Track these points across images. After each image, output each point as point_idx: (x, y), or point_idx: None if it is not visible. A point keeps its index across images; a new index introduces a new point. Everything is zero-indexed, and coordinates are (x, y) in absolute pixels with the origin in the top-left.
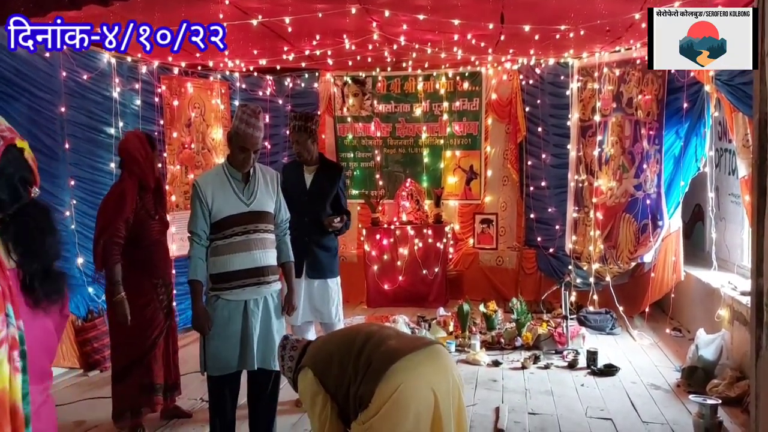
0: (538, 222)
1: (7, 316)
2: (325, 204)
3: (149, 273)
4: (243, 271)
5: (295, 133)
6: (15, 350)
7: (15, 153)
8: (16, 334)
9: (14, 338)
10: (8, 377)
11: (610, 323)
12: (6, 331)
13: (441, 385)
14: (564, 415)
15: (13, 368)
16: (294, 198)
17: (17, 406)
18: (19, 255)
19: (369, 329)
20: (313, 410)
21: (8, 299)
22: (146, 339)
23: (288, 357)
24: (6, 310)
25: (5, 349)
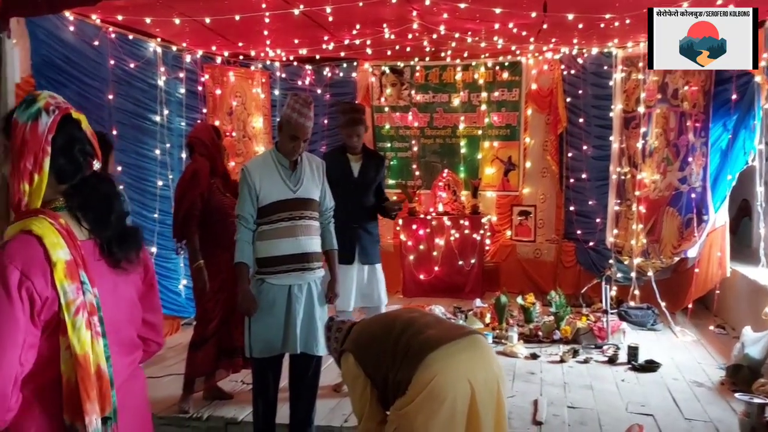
0: (577, 215)
1: (82, 283)
2: (371, 192)
3: (224, 245)
4: (288, 256)
5: (350, 127)
6: (94, 315)
7: (72, 123)
8: (93, 300)
9: (92, 304)
10: (90, 342)
11: (652, 319)
12: (83, 297)
13: (479, 376)
14: (604, 410)
15: (94, 333)
16: (341, 186)
17: (102, 369)
18: (90, 224)
19: (409, 315)
20: (353, 393)
21: (81, 267)
22: (226, 305)
23: (334, 338)
24: (81, 277)
25: (84, 315)
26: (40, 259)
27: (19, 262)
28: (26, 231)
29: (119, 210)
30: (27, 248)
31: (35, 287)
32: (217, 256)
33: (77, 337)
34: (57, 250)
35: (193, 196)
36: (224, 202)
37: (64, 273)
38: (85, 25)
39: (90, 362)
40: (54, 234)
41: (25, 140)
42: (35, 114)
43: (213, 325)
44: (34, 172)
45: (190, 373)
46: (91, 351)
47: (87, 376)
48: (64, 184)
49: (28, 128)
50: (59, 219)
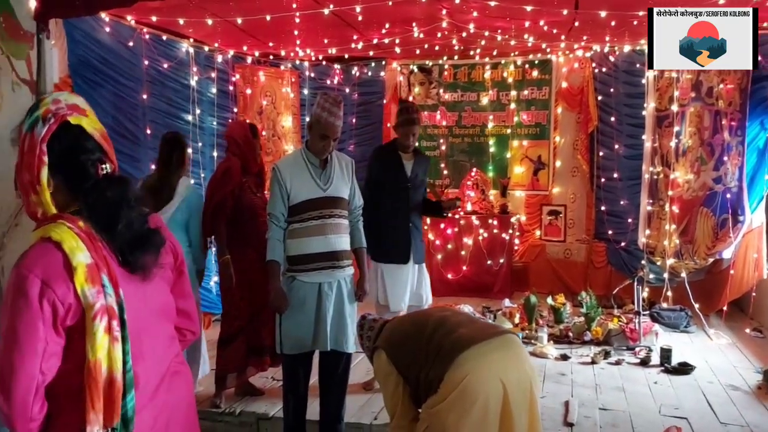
0: (609, 215)
1: (103, 286)
2: (421, 191)
3: (252, 244)
4: (318, 254)
5: (407, 126)
6: (114, 319)
7: (73, 130)
8: (114, 303)
9: (112, 308)
10: (106, 347)
11: (685, 321)
12: (103, 301)
13: (511, 376)
14: (636, 412)
15: (112, 338)
16: (396, 185)
17: (115, 377)
18: (101, 232)
19: (442, 314)
20: (386, 390)
21: (103, 270)
22: (253, 304)
23: (366, 336)
24: (102, 281)
25: (103, 319)
26: (60, 266)
27: (39, 271)
28: (45, 238)
29: (128, 216)
30: (46, 256)
31: (57, 295)
32: (244, 255)
33: (91, 342)
34: (77, 254)
35: (223, 194)
36: (254, 201)
37: (84, 277)
38: (121, 26)
39: (100, 369)
40: (73, 238)
41: (23, 152)
42: (33, 123)
43: (239, 323)
44: (35, 183)
45: (220, 370)
46: (104, 358)
47: (94, 383)
48: (72, 192)
49: (27, 138)
50: (78, 222)
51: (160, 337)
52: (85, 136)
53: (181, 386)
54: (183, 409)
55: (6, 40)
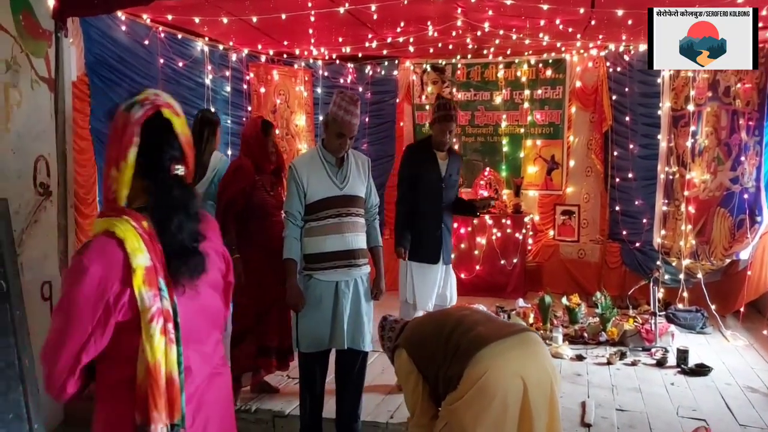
0: (623, 215)
1: (160, 290)
2: (455, 190)
3: (260, 243)
4: (335, 252)
5: (443, 123)
6: (169, 322)
7: (162, 120)
8: (169, 306)
9: (167, 311)
10: (164, 349)
11: (701, 322)
12: (159, 304)
13: (531, 374)
14: (654, 414)
15: (168, 340)
16: (431, 185)
17: (173, 377)
18: (157, 231)
19: (461, 313)
20: (406, 388)
21: (160, 274)
22: (261, 304)
23: (387, 337)
24: (159, 284)
25: (159, 322)
26: (119, 264)
27: (99, 266)
28: (109, 232)
29: (183, 223)
30: (108, 252)
31: (112, 294)
32: (251, 254)
33: (150, 344)
34: (137, 256)
35: (232, 192)
36: (267, 200)
37: (142, 279)
38: (137, 25)
39: (161, 371)
40: (136, 238)
41: (116, 128)
42: (131, 104)
43: (246, 322)
44: (120, 159)
45: (233, 369)
46: (163, 359)
47: (156, 384)
48: (145, 180)
49: (122, 117)
50: (142, 221)
51: (208, 342)
52: (173, 133)
53: (222, 387)
54: (221, 409)
55: (25, 38)
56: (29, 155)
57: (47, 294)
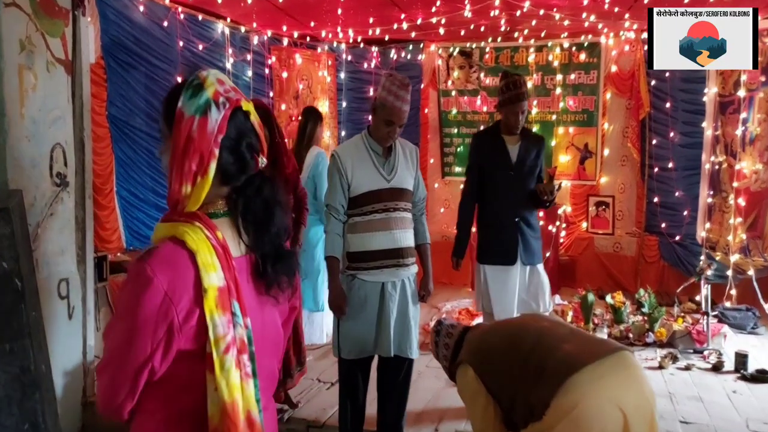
0: (661, 206)
1: (234, 315)
2: (532, 179)
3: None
4: (382, 251)
5: (513, 103)
6: (244, 354)
7: (240, 117)
8: (244, 335)
9: (242, 340)
10: (240, 385)
11: (752, 322)
12: (233, 332)
13: (630, 403)
14: (721, 426)
15: (244, 374)
16: (498, 174)
17: (253, 417)
18: (251, 235)
19: (539, 325)
20: (473, 411)
21: (234, 295)
22: None
23: (443, 344)
24: (232, 308)
25: (233, 353)
26: (190, 282)
27: (164, 279)
28: (179, 241)
29: (280, 222)
30: (177, 264)
31: (177, 313)
32: None
33: (225, 380)
34: (210, 273)
35: None
36: None
37: (215, 302)
38: (155, 6)
39: (239, 411)
40: (209, 251)
41: (192, 138)
42: (203, 107)
43: None
44: (198, 175)
45: None
46: (240, 396)
47: (234, 426)
48: (227, 186)
49: (195, 124)
50: (216, 231)
51: (267, 375)
52: (250, 124)
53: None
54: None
55: (40, 16)
56: (45, 143)
57: (64, 293)
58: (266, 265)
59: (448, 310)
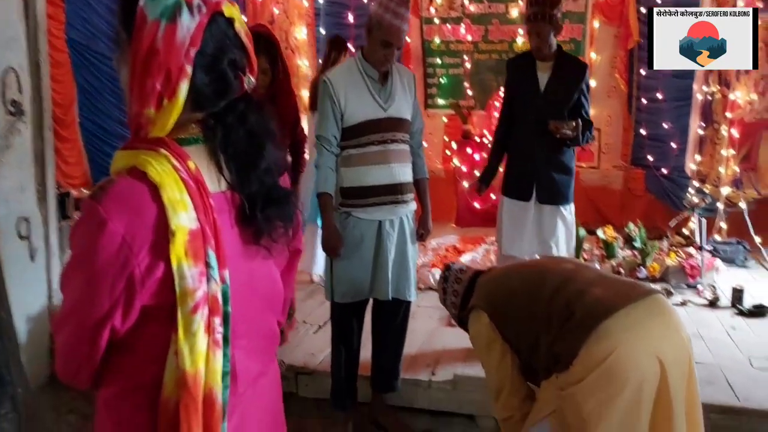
0: (649, 139)
1: (208, 266)
2: (562, 110)
3: None
4: (380, 186)
5: (533, 22)
6: (216, 316)
7: (221, 25)
8: (218, 291)
9: (215, 298)
10: (205, 355)
11: (742, 255)
12: (205, 287)
13: (668, 351)
14: (727, 366)
15: (212, 341)
16: (524, 101)
17: (214, 396)
18: (233, 172)
19: (562, 267)
20: (488, 360)
21: (210, 241)
22: None
23: (451, 291)
24: (207, 257)
25: (203, 314)
26: (151, 222)
27: (121, 222)
28: (139, 173)
29: (271, 157)
30: (136, 202)
31: (138, 263)
32: None
33: (190, 345)
34: (179, 213)
35: None
36: None
37: (185, 249)
38: None
39: (200, 384)
40: (178, 185)
41: (155, 49)
42: (172, 9)
43: None
44: (164, 96)
45: None
46: (204, 368)
47: (192, 402)
48: (202, 111)
49: (161, 31)
50: (188, 161)
51: (261, 334)
52: (235, 35)
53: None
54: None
55: None
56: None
57: (24, 232)
58: (255, 208)
59: (434, 248)
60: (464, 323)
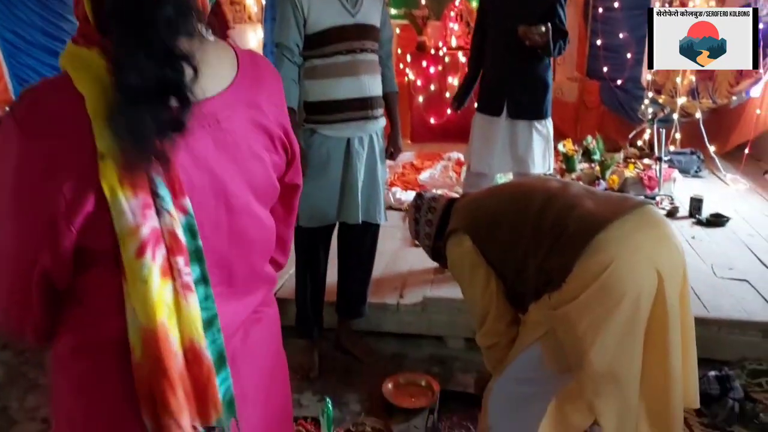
0: (605, 49)
1: (156, 196)
2: (534, 17)
3: None
4: (348, 101)
5: None
6: (179, 255)
7: None
8: (176, 225)
9: (173, 234)
10: (172, 304)
11: (696, 165)
12: (155, 222)
13: (664, 261)
14: (692, 276)
15: (180, 286)
16: (494, 11)
17: (197, 348)
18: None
19: (547, 185)
20: (471, 286)
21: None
22: None
23: (425, 221)
24: (153, 185)
25: (156, 256)
26: (77, 141)
27: (40, 141)
28: (67, 78)
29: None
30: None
31: (64, 193)
32: None
33: (141, 295)
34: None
35: None
36: None
37: (119, 176)
38: None
39: (172, 340)
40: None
41: None
42: None
43: None
44: None
45: None
46: (170, 320)
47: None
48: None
49: None
50: None
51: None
52: None
53: (266, 339)
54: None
55: None
56: None
57: None
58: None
59: (390, 165)
60: (439, 255)
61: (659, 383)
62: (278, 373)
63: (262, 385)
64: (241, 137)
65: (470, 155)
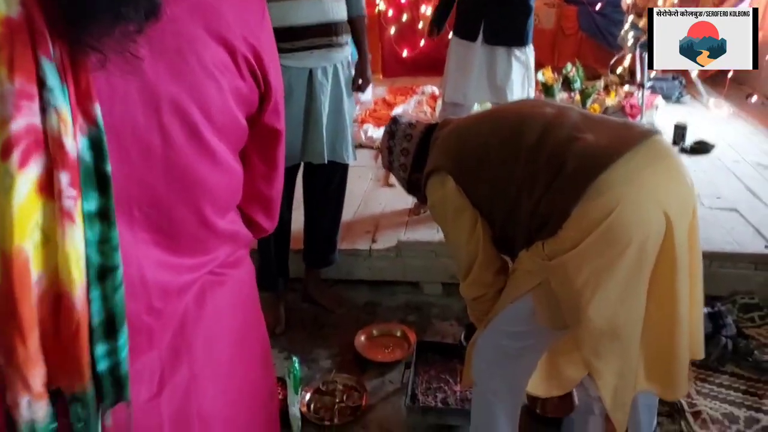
0: None
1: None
2: None
3: None
4: (310, 27)
5: None
6: (64, 169)
7: None
8: (64, 129)
9: (58, 141)
10: (45, 229)
11: (678, 90)
12: (34, 118)
13: (673, 201)
14: None
15: (58, 210)
16: None
17: (69, 297)
18: None
19: (541, 111)
20: (455, 232)
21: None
22: None
23: (399, 150)
24: (37, 69)
25: (31, 161)
26: None
27: None
28: None
29: None
30: None
31: None
32: None
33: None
34: None
35: None
36: None
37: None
38: None
39: (30, 272)
40: None
41: None
42: None
43: None
44: None
45: None
46: (36, 250)
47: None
48: None
49: None
50: None
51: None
52: None
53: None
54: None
55: None
56: None
57: None
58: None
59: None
60: (416, 188)
61: (663, 334)
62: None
63: (225, 356)
64: (186, 43)
65: (445, 84)
